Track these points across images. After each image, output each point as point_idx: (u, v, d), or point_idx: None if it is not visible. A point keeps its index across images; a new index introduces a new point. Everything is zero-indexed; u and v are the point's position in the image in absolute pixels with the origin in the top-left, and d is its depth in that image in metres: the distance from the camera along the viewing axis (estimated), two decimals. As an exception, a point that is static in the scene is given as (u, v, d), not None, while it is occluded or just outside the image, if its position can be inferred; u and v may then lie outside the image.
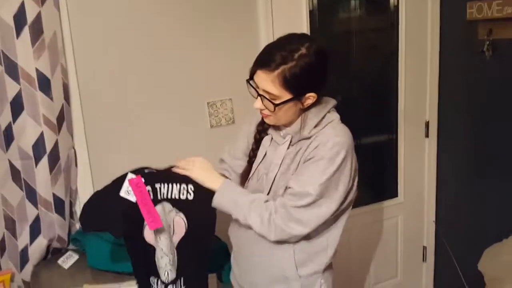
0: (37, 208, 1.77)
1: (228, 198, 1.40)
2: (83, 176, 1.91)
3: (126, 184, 1.37)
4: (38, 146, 1.71)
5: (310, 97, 1.34)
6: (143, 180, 1.38)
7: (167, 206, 1.44)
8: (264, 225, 1.35)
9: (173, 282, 1.47)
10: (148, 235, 1.44)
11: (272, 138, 1.48)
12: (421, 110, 2.60)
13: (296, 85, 1.30)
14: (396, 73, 2.53)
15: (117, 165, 1.94)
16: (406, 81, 2.52)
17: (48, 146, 1.72)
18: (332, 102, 1.43)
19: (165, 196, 1.43)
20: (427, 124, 2.61)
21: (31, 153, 1.71)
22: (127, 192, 1.37)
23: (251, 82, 1.38)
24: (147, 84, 1.99)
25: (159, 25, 1.98)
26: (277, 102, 1.32)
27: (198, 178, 1.41)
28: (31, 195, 1.76)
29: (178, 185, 1.42)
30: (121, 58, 1.93)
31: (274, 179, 1.42)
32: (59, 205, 1.79)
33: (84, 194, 1.92)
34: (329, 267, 1.48)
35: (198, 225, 1.46)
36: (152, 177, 1.42)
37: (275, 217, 1.34)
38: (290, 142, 1.41)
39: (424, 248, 2.79)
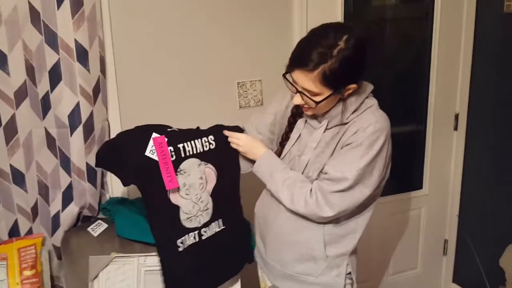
0: (70, 176, 1.81)
1: (265, 168, 1.46)
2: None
3: (151, 143, 1.40)
4: (74, 115, 1.75)
5: (351, 88, 1.34)
6: (166, 140, 1.42)
7: (195, 161, 1.50)
8: (294, 203, 1.39)
9: (206, 224, 1.53)
10: (173, 194, 1.47)
11: (306, 121, 1.49)
12: (452, 102, 2.58)
13: (337, 81, 1.29)
14: (428, 63, 2.50)
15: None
16: (438, 72, 2.50)
17: (84, 116, 1.76)
18: (370, 87, 1.43)
19: (191, 153, 1.49)
20: (456, 117, 2.59)
21: (66, 122, 1.75)
22: (152, 151, 1.40)
23: (287, 77, 1.37)
24: (180, 61, 2.02)
25: (195, 5, 1.99)
26: (318, 99, 1.32)
27: (244, 150, 1.52)
28: (65, 163, 1.80)
29: (200, 140, 1.50)
30: (156, 36, 1.96)
31: (308, 162, 1.43)
32: (91, 174, 1.82)
33: (114, 165, 1.97)
34: (354, 251, 1.50)
35: (225, 167, 1.56)
36: (175, 137, 1.47)
37: (309, 199, 1.36)
38: (327, 126, 1.41)
39: (446, 241, 2.78)
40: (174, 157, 1.44)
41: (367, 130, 1.32)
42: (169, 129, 1.49)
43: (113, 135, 1.93)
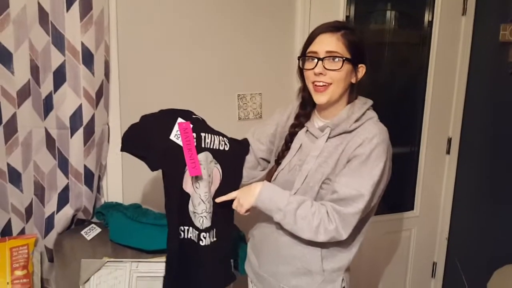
0: (67, 177, 1.81)
1: (269, 205, 1.40)
2: (113, 153, 1.96)
3: (176, 127, 1.39)
4: (76, 117, 1.76)
5: (361, 69, 1.41)
6: (191, 126, 1.41)
7: (209, 156, 1.49)
8: (311, 232, 1.35)
9: (207, 230, 1.49)
10: (187, 181, 1.46)
11: (307, 130, 1.49)
12: (445, 126, 2.62)
13: (356, 48, 1.38)
14: (423, 87, 2.55)
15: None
16: (433, 97, 2.55)
17: (85, 119, 1.77)
18: (370, 101, 1.47)
19: (208, 146, 1.48)
20: (449, 141, 2.63)
21: (67, 123, 1.76)
22: (176, 136, 1.39)
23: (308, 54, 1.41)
24: (183, 70, 2.04)
25: (199, 15, 2.03)
26: (339, 64, 1.36)
27: (246, 202, 1.43)
28: (63, 164, 1.80)
29: (218, 136, 1.49)
30: (160, 44, 1.98)
31: (309, 171, 1.42)
32: (89, 177, 1.83)
33: (112, 170, 1.98)
34: (348, 267, 1.50)
35: (230, 173, 1.53)
36: (199, 124, 1.46)
37: (328, 225, 1.33)
38: (329, 135, 1.42)
39: (435, 264, 2.79)
40: (195, 143, 1.43)
41: (372, 141, 1.33)
42: (194, 116, 1.49)
43: (112, 139, 1.95)
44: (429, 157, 2.63)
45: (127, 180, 2.00)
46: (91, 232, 1.84)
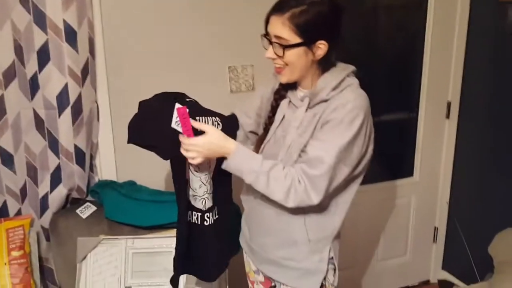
0: (58, 157, 1.81)
1: (242, 165, 1.37)
2: (104, 131, 1.95)
3: (175, 114, 1.35)
4: (62, 96, 1.74)
5: (321, 46, 1.33)
6: (187, 111, 1.36)
7: None
8: (283, 193, 1.34)
9: (210, 210, 1.49)
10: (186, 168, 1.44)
11: (290, 101, 1.48)
12: (444, 90, 2.57)
13: (306, 30, 1.30)
14: (421, 51, 2.50)
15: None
16: (431, 61, 2.50)
17: (72, 98, 1.75)
18: (351, 67, 1.42)
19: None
20: (448, 105, 2.59)
21: (55, 103, 1.74)
22: (177, 123, 1.35)
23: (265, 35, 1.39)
24: (171, 43, 2.00)
25: (187, -14, 1.98)
26: (288, 48, 1.32)
27: (209, 157, 1.37)
28: (54, 144, 1.80)
29: (211, 118, 1.44)
30: (147, 18, 1.94)
31: (291, 142, 1.42)
32: (80, 156, 1.82)
33: (104, 148, 1.97)
34: (337, 236, 1.50)
35: None
36: (194, 108, 1.41)
37: (298, 186, 1.33)
38: (308, 104, 1.40)
39: (436, 229, 2.80)
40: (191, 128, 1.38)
41: (346, 106, 1.31)
42: (187, 99, 1.44)
43: (102, 117, 1.93)
44: (428, 122, 2.59)
45: (120, 158, 1.99)
46: (86, 211, 1.86)
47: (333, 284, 1.51)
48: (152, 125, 1.36)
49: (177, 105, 1.36)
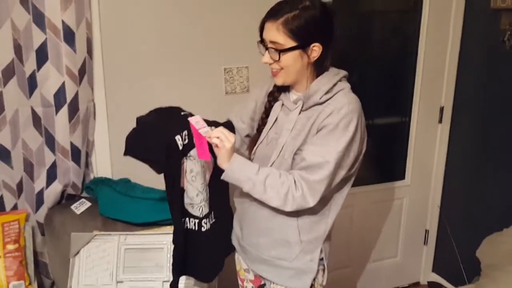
0: (54, 154, 1.85)
1: (239, 174, 1.40)
2: (100, 129, 1.99)
3: (192, 121, 1.38)
4: (59, 95, 1.78)
5: (316, 48, 1.36)
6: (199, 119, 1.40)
7: None
8: (280, 200, 1.38)
9: (207, 216, 1.52)
10: (182, 177, 1.46)
11: (283, 104, 1.51)
12: (437, 95, 2.61)
13: (299, 33, 1.33)
14: (415, 56, 2.53)
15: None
16: (424, 65, 2.53)
17: (69, 96, 1.79)
18: (343, 72, 1.46)
19: None
20: (441, 110, 2.62)
21: (52, 101, 1.78)
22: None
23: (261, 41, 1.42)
24: (168, 45, 2.04)
25: (184, -12, 2.01)
26: (283, 53, 1.35)
27: (223, 151, 1.39)
28: (50, 141, 1.84)
29: (209, 127, 1.44)
30: (144, 18, 1.98)
31: (284, 144, 1.44)
32: (75, 154, 1.86)
33: (100, 146, 2.01)
34: (328, 238, 1.53)
35: None
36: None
37: (295, 192, 1.36)
38: (302, 107, 1.43)
39: (427, 231, 2.83)
40: (186, 141, 1.41)
41: (341, 111, 1.34)
42: (182, 112, 1.47)
43: (98, 116, 1.97)
44: (421, 126, 2.62)
45: (115, 156, 2.03)
46: (80, 207, 1.90)
47: (322, 284, 1.55)
48: (148, 140, 1.40)
49: (188, 117, 1.40)
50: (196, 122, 1.40)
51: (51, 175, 1.87)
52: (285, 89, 1.51)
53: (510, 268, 2.03)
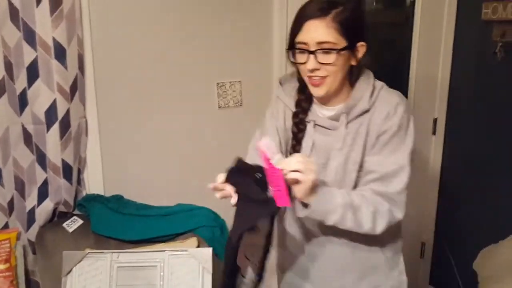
0: (46, 172, 1.83)
1: (330, 204, 1.20)
2: (92, 145, 1.97)
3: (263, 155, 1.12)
4: (51, 112, 1.77)
5: (362, 47, 1.24)
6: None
7: None
8: (371, 223, 1.22)
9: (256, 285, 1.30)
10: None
11: (315, 126, 1.33)
12: (430, 107, 2.61)
13: (350, 30, 1.20)
14: (407, 68, 2.53)
15: (126, 136, 2.03)
16: (417, 78, 2.53)
17: (60, 113, 1.78)
18: (369, 70, 1.33)
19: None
20: (435, 121, 2.62)
21: (43, 118, 1.77)
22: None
23: (296, 46, 1.25)
24: (159, 60, 2.04)
25: (176, 3, 2.02)
26: (333, 55, 1.19)
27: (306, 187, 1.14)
28: (41, 159, 1.82)
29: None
30: (135, 35, 1.98)
31: (337, 166, 1.28)
32: (67, 171, 1.85)
33: (92, 163, 1.99)
34: (400, 239, 1.44)
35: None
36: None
37: (380, 208, 1.22)
38: (347, 120, 1.28)
39: (423, 244, 2.81)
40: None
41: (397, 111, 1.22)
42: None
43: (90, 132, 1.96)
44: (415, 138, 2.61)
45: (108, 172, 2.02)
46: (72, 224, 1.88)
47: None
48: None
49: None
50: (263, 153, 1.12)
51: (43, 193, 1.85)
52: (308, 106, 1.34)
53: (507, 279, 2.02)
